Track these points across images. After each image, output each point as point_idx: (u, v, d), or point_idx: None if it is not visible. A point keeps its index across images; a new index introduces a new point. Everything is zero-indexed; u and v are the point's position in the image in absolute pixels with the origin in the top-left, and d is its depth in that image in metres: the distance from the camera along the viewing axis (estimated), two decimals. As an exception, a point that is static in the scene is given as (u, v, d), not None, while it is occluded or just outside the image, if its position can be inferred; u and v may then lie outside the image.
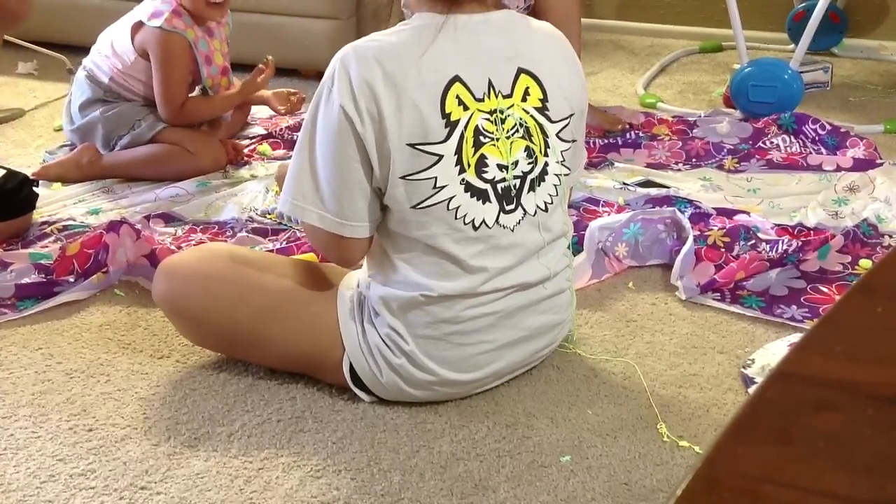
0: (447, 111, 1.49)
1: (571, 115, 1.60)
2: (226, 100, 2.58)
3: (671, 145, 2.62)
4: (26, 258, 2.01)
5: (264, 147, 2.66)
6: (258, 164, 2.58)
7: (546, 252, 1.61)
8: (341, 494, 1.44)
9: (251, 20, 3.09)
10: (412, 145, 1.48)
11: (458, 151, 1.50)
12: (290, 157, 2.54)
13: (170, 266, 1.70)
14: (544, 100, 1.57)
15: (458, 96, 1.50)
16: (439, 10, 1.53)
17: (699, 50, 3.55)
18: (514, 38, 1.57)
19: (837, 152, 2.52)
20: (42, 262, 1.98)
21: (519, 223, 1.56)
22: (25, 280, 1.96)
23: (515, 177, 1.55)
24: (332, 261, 1.66)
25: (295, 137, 2.68)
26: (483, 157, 1.52)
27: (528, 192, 1.56)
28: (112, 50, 2.46)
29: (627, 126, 2.71)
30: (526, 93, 1.56)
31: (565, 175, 1.62)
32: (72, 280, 1.97)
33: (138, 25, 2.42)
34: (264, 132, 2.77)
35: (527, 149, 1.55)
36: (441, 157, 1.49)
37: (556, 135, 1.59)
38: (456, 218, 1.51)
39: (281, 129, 2.75)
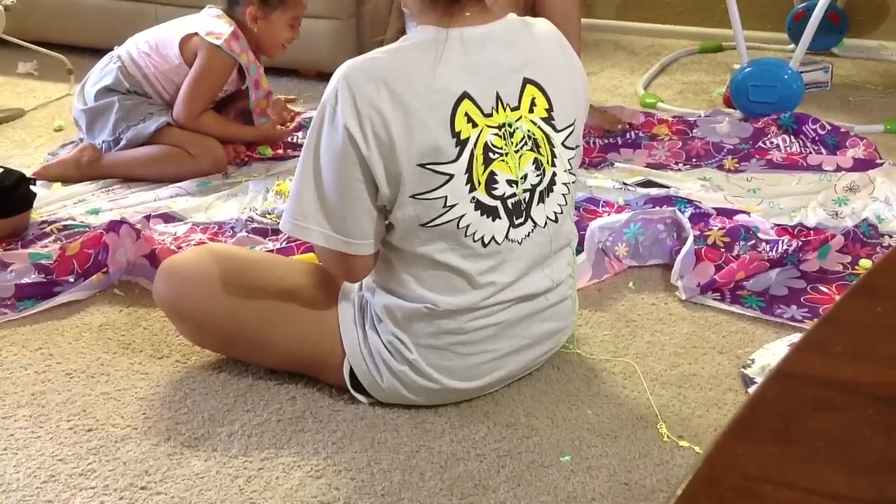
0: (457, 129, 1.46)
1: (575, 120, 1.59)
2: (241, 133, 2.62)
3: (671, 145, 2.62)
4: (26, 258, 2.01)
5: (264, 148, 2.66)
6: (258, 165, 2.58)
7: (551, 262, 1.60)
8: (341, 494, 1.44)
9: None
10: (422, 165, 1.45)
11: (469, 170, 1.48)
12: (289, 158, 2.58)
13: (170, 266, 1.69)
14: (550, 109, 1.55)
15: (466, 113, 1.47)
16: (441, 22, 1.49)
17: (699, 50, 3.55)
18: (519, 48, 1.54)
19: (837, 152, 2.51)
20: (42, 262, 1.98)
21: (528, 235, 1.55)
22: (25, 280, 1.96)
23: (525, 190, 1.53)
24: (337, 277, 1.62)
25: (294, 138, 2.69)
26: (493, 173, 1.50)
27: (538, 204, 1.55)
28: (156, 50, 2.48)
29: (627, 126, 2.71)
30: (532, 104, 1.53)
31: (573, 183, 1.61)
32: (72, 280, 1.97)
33: (191, 37, 2.45)
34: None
35: (535, 161, 1.53)
36: (452, 176, 1.47)
37: (562, 143, 1.57)
38: (465, 235, 1.50)
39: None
